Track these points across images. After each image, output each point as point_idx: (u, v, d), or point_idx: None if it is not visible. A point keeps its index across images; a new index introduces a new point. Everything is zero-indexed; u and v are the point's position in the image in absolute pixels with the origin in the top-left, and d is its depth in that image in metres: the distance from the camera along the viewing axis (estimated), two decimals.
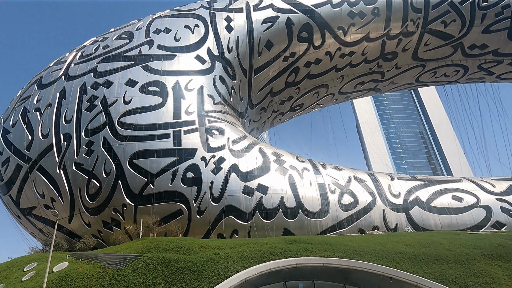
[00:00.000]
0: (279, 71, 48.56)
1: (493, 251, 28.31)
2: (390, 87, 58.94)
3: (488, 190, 36.47)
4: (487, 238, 30.74)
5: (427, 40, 51.72)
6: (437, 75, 56.78)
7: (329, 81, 52.52)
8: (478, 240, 30.12)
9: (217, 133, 36.24)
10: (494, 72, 56.78)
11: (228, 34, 46.24)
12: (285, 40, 47.76)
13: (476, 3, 52.47)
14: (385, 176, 37.34)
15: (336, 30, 49.03)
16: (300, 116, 62.04)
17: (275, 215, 32.42)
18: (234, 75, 44.08)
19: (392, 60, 53.02)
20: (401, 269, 26.11)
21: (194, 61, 42.52)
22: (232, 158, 34.48)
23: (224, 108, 39.94)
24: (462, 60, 54.44)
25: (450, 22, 52.13)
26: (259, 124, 51.96)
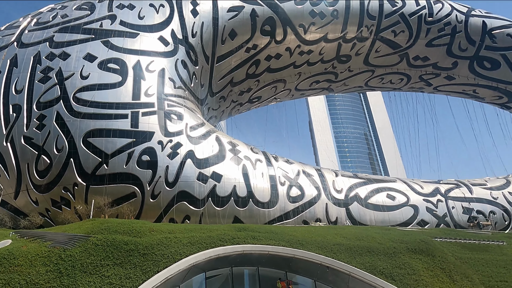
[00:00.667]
0: (241, 62, 47.78)
1: (416, 246, 30.17)
2: (342, 88, 60.37)
3: (417, 191, 38.87)
4: (412, 234, 32.78)
5: (378, 47, 53.28)
6: (384, 81, 58.97)
7: (287, 77, 52.66)
8: (405, 235, 32.04)
9: (176, 118, 35.09)
10: (432, 84, 60.03)
11: (193, 18, 44.42)
12: (249, 31, 46.91)
13: (423, 17, 54.58)
14: (331, 172, 38.48)
15: (298, 27, 48.92)
16: (257, 108, 61.89)
17: (227, 203, 32.33)
18: (197, 61, 42.66)
19: (346, 63, 54.12)
20: (337, 259, 27.11)
21: (157, 42, 40.49)
22: (189, 144, 33.64)
23: (184, 93, 38.64)
24: (406, 69, 56.86)
25: (399, 32, 53.92)
26: (217, 112, 51.07)
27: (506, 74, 56.86)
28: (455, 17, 55.64)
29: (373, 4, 52.72)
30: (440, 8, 55.73)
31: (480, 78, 57.92)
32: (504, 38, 56.24)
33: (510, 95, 59.19)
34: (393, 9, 53.55)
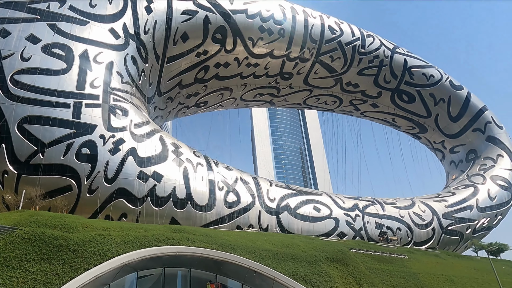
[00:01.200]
0: (191, 65, 46.88)
1: (334, 255, 32.12)
2: (283, 103, 62.07)
3: (340, 205, 41.45)
4: (332, 244, 34.88)
5: (317, 69, 55.88)
6: (319, 102, 61.88)
7: (234, 86, 52.81)
8: (325, 245, 33.96)
9: (121, 113, 33.41)
10: (360, 109, 64.49)
11: (147, 15, 42.77)
12: (201, 36, 46.29)
13: (357, 47, 58.43)
14: (266, 182, 39.42)
15: (247, 39, 49.41)
16: (203, 113, 61.14)
17: (165, 204, 31.50)
18: (147, 59, 41.01)
19: (288, 80, 55.84)
20: (264, 264, 27.90)
21: (107, 33, 38.26)
22: (132, 141, 32.23)
23: (132, 90, 36.91)
24: (339, 93, 60.35)
25: (336, 58, 57.16)
26: (164, 112, 49.47)
27: (420, 108, 63.29)
28: (383, 52, 60.39)
29: (316, 29, 55.21)
30: (372, 42, 60.05)
31: (399, 109, 63.69)
32: (420, 76, 62.41)
33: (421, 127, 65.89)
34: (332, 36, 56.52)
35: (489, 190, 54.86)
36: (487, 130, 63.68)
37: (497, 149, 62.06)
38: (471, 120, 63.95)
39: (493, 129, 63.99)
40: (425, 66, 63.78)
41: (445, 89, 63.44)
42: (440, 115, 63.77)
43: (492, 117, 64.89)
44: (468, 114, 63.92)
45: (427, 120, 64.56)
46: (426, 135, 67.04)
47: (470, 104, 64.19)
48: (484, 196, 53.83)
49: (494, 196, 54.39)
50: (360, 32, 59.75)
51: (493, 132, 63.68)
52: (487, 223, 52.63)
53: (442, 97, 63.21)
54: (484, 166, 59.67)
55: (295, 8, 55.37)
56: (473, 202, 52.13)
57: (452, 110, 63.51)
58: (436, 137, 66.04)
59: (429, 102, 62.99)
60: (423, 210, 46.86)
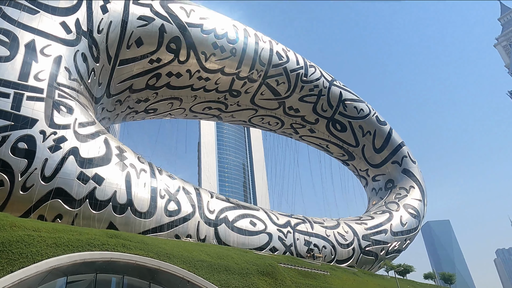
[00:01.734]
0: (143, 71, 45.56)
1: (265, 269, 32.96)
2: (229, 119, 62.64)
3: (274, 221, 42.77)
4: (264, 258, 35.77)
5: (263, 90, 57.68)
6: (263, 121, 63.66)
7: (184, 97, 52.20)
8: (258, 259, 34.75)
9: (65, 111, 31.40)
10: (299, 133, 67.60)
11: (102, 14, 41.13)
12: (155, 44, 45.44)
13: (300, 75, 61.57)
14: (207, 193, 39.37)
15: (200, 53, 49.56)
16: (152, 120, 59.24)
17: (104, 208, 29.85)
18: (98, 58, 39.16)
19: (236, 97, 56.73)
20: (198, 274, 27.80)
21: (58, 26, 36.02)
22: (75, 140, 30.36)
23: (79, 88, 34.89)
24: (282, 115, 62.74)
25: (281, 83, 59.59)
26: (112, 115, 47.07)
27: (350, 138, 68.24)
28: (322, 82, 64.38)
29: (265, 53, 57.27)
30: (313, 72, 63.77)
31: (332, 136, 67.98)
32: (352, 109, 67.47)
33: (350, 155, 70.88)
34: (279, 62, 59.03)
35: (401, 217, 60.41)
36: (403, 164, 70.44)
37: (410, 181, 68.79)
38: (391, 153, 70.31)
39: (408, 163, 70.93)
40: (357, 100, 69.07)
41: (372, 123, 69.17)
42: (366, 146, 69.28)
43: (408, 152, 71.99)
44: (389, 147, 70.20)
45: (355, 149, 69.72)
46: (354, 162, 72.22)
47: (391, 138, 70.63)
48: (397, 222, 59.12)
49: (405, 222, 59.99)
50: (304, 62, 63.15)
51: (408, 166, 70.58)
52: (398, 246, 57.78)
53: (369, 130, 68.79)
54: (399, 195, 65.70)
55: (248, 31, 57.01)
56: (387, 227, 56.98)
57: (376, 143, 69.36)
58: (362, 166, 71.46)
59: (358, 133, 68.18)
60: (346, 231, 50.13)
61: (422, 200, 67.16)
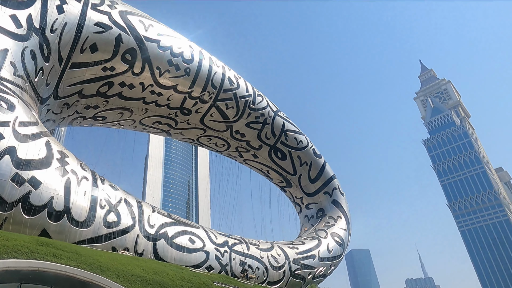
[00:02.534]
0: (95, 77, 43.47)
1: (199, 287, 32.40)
2: (178, 136, 61.65)
3: (212, 240, 42.31)
4: (199, 276, 35.16)
5: (213, 112, 58.21)
6: (211, 142, 63.71)
7: (135, 109, 50.52)
8: (193, 276, 34.07)
9: (5, 107, 28.80)
10: (243, 156, 68.65)
11: (57, 14, 39.16)
12: (110, 52, 44.00)
13: (248, 102, 63.33)
14: (149, 207, 37.94)
15: (155, 68, 48.98)
16: (99, 128, 55.90)
17: (38, 213, 27.24)
18: (49, 58, 36.77)
19: (186, 115, 56.35)
20: None
21: (8, 19, 33.57)
22: (13, 139, 27.80)
23: (24, 85, 32.31)
24: (228, 138, 63.43)
25: (230, 107, 60.68)
26: (58, 117, 43.65)
27: (289, 166, 70.94)
28: (268, 112, 66.81)
29: (217, 77, 58.30)
30: (260, 101, 66.05)
31: (273, 163, 70.09)
32: (292, 140, 70.60)
33: (288, 182, 73.39)
34: (230, 87, 60.35)
35: (329, 244, 63.32)
36: (333, 195, 74.60)
37: (338, 212, 72.84)
38: (323, 184, 74.19)
39: (337, 194, 75.27)
40: (297, 132, 72.56)
41: (309, 155, 72.81)
42: (303, 175, 72.41)
43: (338, 185, 76.55)
44: (322, 178, 74.07)
45: (293, 178, 72.45)
46: (291, 190, 74.77)
47: (325, 170, 74.72)
48: (324, 249, 61.78)
49: (332, 249, 62.92)
50: (252, 90, 65.25)
51: (337, 197, 74.87)
52: (324, 271, 60.14)
53: (306, 161, 72.21)
54: (328, 224, 69.02)
55: (203, 53, 57.82)
56: (316, 252, 59.27)
57: (311, 173, 72.86)
58: (297, 193, 74.21)
59: (296, 163, 71.18)
60: (279, 254, 51.17)
61: (347, 230, 71.22)
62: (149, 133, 65.90)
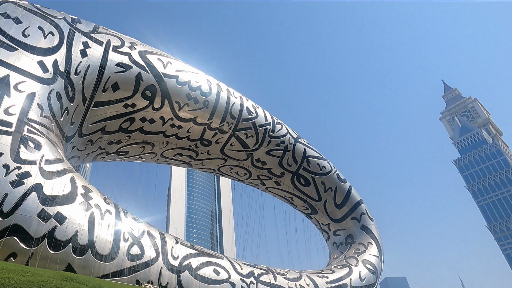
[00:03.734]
0: (117, 114, 45.34)
1: None
2: (199, 167, 62.47)
3: (238, 270, 41.27)
4: None
5: (233, 142, 58.82)
6: (232, 171, 63.98)
7: (156, 142, 51.91)
8: None
9: (33, 146, 30.25)
10: (265, 184, 68.25)
11: (81, 58, 41.60)
12: (131, 90, 45.95)
13: (267, 130, 63.66)
14: (172, 238, 37.79)
15: (174, 103, 50.48)
16: (122, 162, 57.78)
17: (63, 248, 27.63)
18: (73, 98, 38.81)
19: (207, 146, 57.23)
20: None
21: (35, 65, 35.94)
22: (40, 177, 28.92)
23: (51, 125, 34.01)
24: (249, 167, 63.55)
25: (250, 136, 61.17)
26: (82, 154, 45.49)
27: (313, 192, 69.67)
28: (288, 139, 66.77)
29: (235, 107, 59.27)
30: (280, 128, 66.28)
31: (297, 190, 69.12)
32: (315, 166, 69.68)
33: (313, 209, 71.78)
34: (249, 116, 61.08)
35: (360, 272, 60.40)
36: (362, 220, 72.01)
37: (368, 237, 69.95)
38: (350, 209, 71.99)
39: (366, 219, 72.62)
40: (320, 158, 71.68)
41: (333, 180, 71.38)
42: (328, 201, 70.73)
43: (366, 210, 74.02)
44: (348, 204, 72.00)
45: (318, 204, 70.85)
46: (316, 216, 72.94)
47: (351, 195, 72.73)
48: (356, 277, 58.90)
49: (364, 277, 59.90)
50: (271, 118, 65.74)
51: (366, 223, 72.16)
52: None
53: (330, 186, 70.73)
54: (358, 251, 66.20)
55: (220, 85, 59.29)
56: (347, 281, 56.52)
57: (337, 199, 71.08)
58: (324, 220, 72.22)
59: (320, 189, 69.83)
60: (308, 284, 49.11)
61: (380, 257, 67.96)
62: (170, 165, 67.02)
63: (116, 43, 47.70)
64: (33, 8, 42.03)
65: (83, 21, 46.91)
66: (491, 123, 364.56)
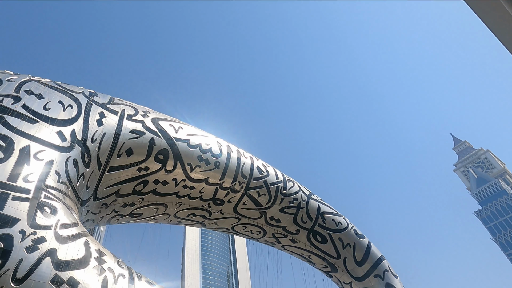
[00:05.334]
0: (131, 178, 46.43)
1: None
2: (213, 226, 61.67)
3: None
4: None
5: (245, 201, 58.62)
6: (246, 230, 62.84)
7: (169, 203, 52.21)
8: None
9: (49, 212, 30.72)
10: (281, 242, 66.23)
11: (97, 127, 43.84)
12: (144, 154, 47.50)
13: (279, 188, 63.56)
14: None
15: (186, 165, 51.62)
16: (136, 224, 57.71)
17: None
18: (89, 164, 40.19)
19: (219, 206, 57.12)
20: None
21: (54, 135, 37.91)
22: (54, 242, 28.91)
23: (67, 190, 34.84)
24: (264, 225, 62.37)
25: (262, 194, 61.01)
26: (97, 217, 45.83)
27: (331, 249, 66.93)
28: (300, 196, 66.19)
29: (246, 167, 60.07)
30: (292, 186, 66.11)
31: (314, 247, 66.61)
32: (330, 222, 67.95)
33: (333, 266, 68.34)
34: (260, 175, 61.51)
35: None
36: (386, 278, 67.96)
37: None
38: (372, 266, 68.38)
39: (390, 277, 68.55)
40: (335, 214, 70.23)
41: (351, 236, 69.00)
42: (348, 259, 67.61)
43: (389, 266, 70.23)
44: (369, 260, 68.61)
45: (337, 261, 67.67)
46: (337, 275, 69.17)
47: (371, 252, 69.62)
48: None
49: None
50: (282, 176, 65.98)
51: (390, 280, 68.01)
52: None
53: (348, 243, 68.15)
54: None
55: (230, 147, 60.79)
56: None
57: (357, 255, 67.98)
58: (345, 278, 68.33)
59: (338, 245, 67.26)
60: None
61: None
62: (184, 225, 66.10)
63: (130, 112, 50.39)
64: (54, 84, 45.46)
65: (100, 94, 50.20)
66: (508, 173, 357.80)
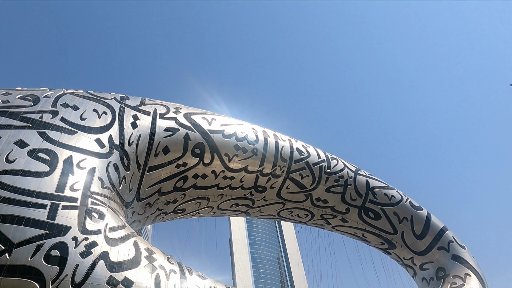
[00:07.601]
0: (170, 175, 48.21)
1: None
2: (257, 214, 62.61)
3: None
4: None
5: (288, 184, 58.53)
6: (292, 214, 63.02)
7: (211, 196, 53.66)
8: None
9: (97, 217, 32.74)
10: (331, 223, 65.68)
11: (132, 129, 45.64)
12: (181, 150, 48.85)
13: (323, 168, 62.58)
14: None
15: (223, 155, 52.37)
16: (181, 220, 60.23)
17: None
18: (129, 167, 42.19)
19: (262, 193, 57.63)
20: None
21: (93, 143, 40.09)
22: (105, 245, 30.84)
23: (111, 194, 36.92)
24: (310, 207, 62.10)
25: (305, 176, 60.49)
26: (142, 217, 48.48)
27: (386, 225, 65.20)
28: (346, 173, 64.78)
29: (285, 150, 59.71)
30: (336, 164, 64.83)
31: (367, 225, 65.29)
32: (382, 196, 65.99)
33: (390, 243, 66.70)
34: (301, 157, 60.90)
35: None
36: (451, 249, 65.07)
37: (464, 268, 62.51)
38: (434, 238, 65.73)
39: (456, 248, 65.54)
40: (386, 187, 68.03)
41: (407, 209, 66.65)
42: (406, 233, 65.51)
43: (453, 237, 67.09)
44: (431, 233, 65.97)
45: (395, 237, 65.84)
46: (396, 251, 67.42)
47: (431, 223, 66.87)
48: None
49: None
50: (325, 155, 64.85)
51: (457, 251, 65.04)
52: None
53: (405, 216, 65.89)
54: (455, 285, 59.11)
55: (267, 132, 60.63)
56: None
57: (416, 229, 65.64)
58: (405, 254, 66.41)
59: (394, 220, 65.29)
60: None
61: None
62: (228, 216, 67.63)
63: (162, 110, 51.82)
64: (87, 94, 47.85)
65: (131, 97, 52.07)
66: None
